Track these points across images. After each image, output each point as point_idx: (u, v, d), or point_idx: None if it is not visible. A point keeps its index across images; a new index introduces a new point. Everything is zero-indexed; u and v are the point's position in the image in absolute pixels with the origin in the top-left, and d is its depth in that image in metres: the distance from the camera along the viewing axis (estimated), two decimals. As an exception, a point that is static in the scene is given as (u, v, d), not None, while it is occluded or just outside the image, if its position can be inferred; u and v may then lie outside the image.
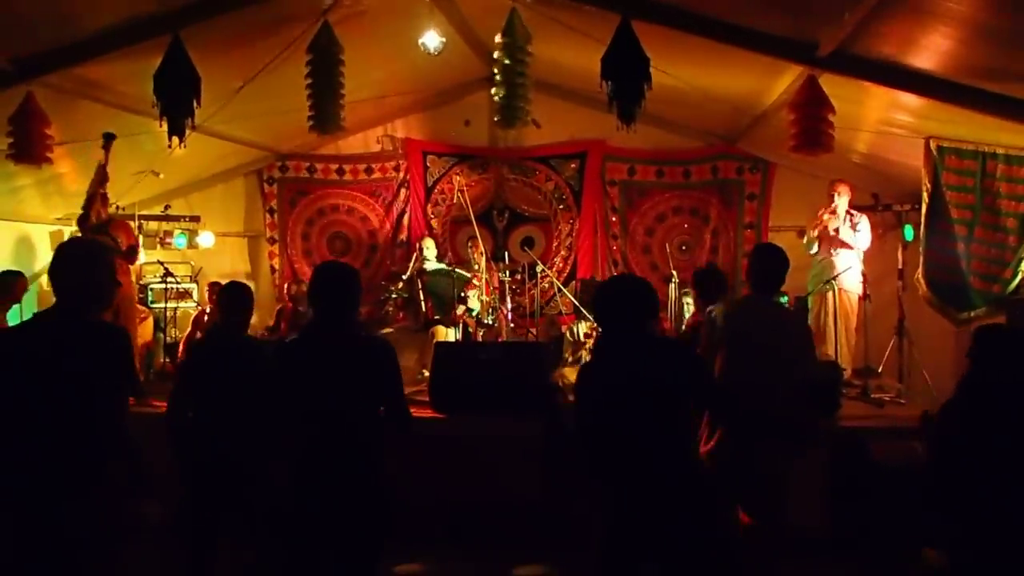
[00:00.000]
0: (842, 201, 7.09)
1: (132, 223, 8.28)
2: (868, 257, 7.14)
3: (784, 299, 7.29)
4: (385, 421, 3.26)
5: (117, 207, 8.41)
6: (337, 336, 3.21)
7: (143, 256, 8.26)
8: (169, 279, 8.25)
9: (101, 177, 6.34)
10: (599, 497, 3.19)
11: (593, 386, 3.20)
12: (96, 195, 6.33)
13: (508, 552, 4.97)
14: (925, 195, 6.25)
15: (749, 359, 3.79)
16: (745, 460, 3.70)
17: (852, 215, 7.09)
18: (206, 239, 8.98)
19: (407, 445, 4.62)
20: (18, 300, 6.61)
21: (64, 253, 2.81)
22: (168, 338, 8.44)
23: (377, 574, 3.24)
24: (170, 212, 8.92)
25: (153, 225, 8.81)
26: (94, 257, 2.83)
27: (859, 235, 7.04)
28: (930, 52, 4.91)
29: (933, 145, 6.14)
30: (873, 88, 5.43)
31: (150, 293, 8.58)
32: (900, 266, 7.17)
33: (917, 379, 6.74)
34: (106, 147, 6.35)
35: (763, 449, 3.74)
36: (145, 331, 8.27)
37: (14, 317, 6.53)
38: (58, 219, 8.65)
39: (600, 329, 3.40)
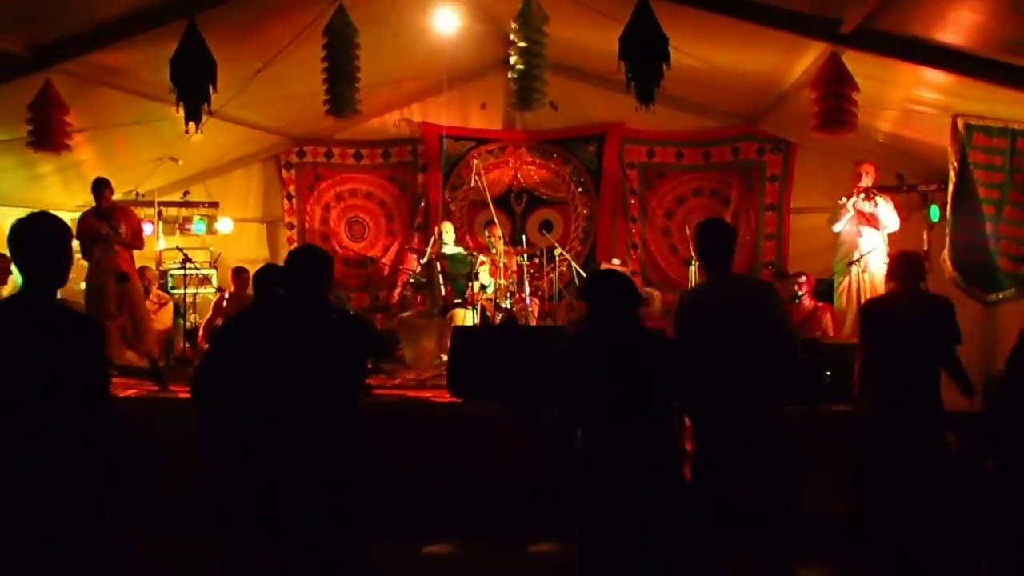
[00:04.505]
0: (868, 181, 6.98)
1: (151, 209, 8.35)
2: (893, 238, 7.02)
3: (803, 278, 7.23)
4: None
5: (137, 194, 8.49)
6: (307, 313, 3.26)
7: (163, 242, 8.32)
8: (188, 265, 8.30)
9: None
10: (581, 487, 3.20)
11: (577, 380, 3.22)
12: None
13: (524, 535, 4.98)
14: (952, 174, 6.11)
15: (707, 347, 3.63)
16: (739, 447, 3.59)
17: (874, 196, 6.95)
18: (225, 225, 9.01)
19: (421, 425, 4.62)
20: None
21: (23, 228, 2.57)
22: (188, 324, 8.49)
23: (365, 552, 3.21)
24: (189, 198, 8.97)
25: (172, 211, 8.84)
26: (53, 231, 2.60)
27: (884, 216, 6.94)
28: (957, 26, 4.80)
29: (960, 123, 5.99)
30: (898, 65, 5.31)
31: (170, 279, 8.64)
32: (926, 247, 7.04)
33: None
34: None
35: (746, 433, 3.61)
36: (165, 317, 8.33)
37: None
38: (79, 206, 8.69)
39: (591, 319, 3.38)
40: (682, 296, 4.02)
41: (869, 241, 6.91)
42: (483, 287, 7.65)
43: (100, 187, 7.03)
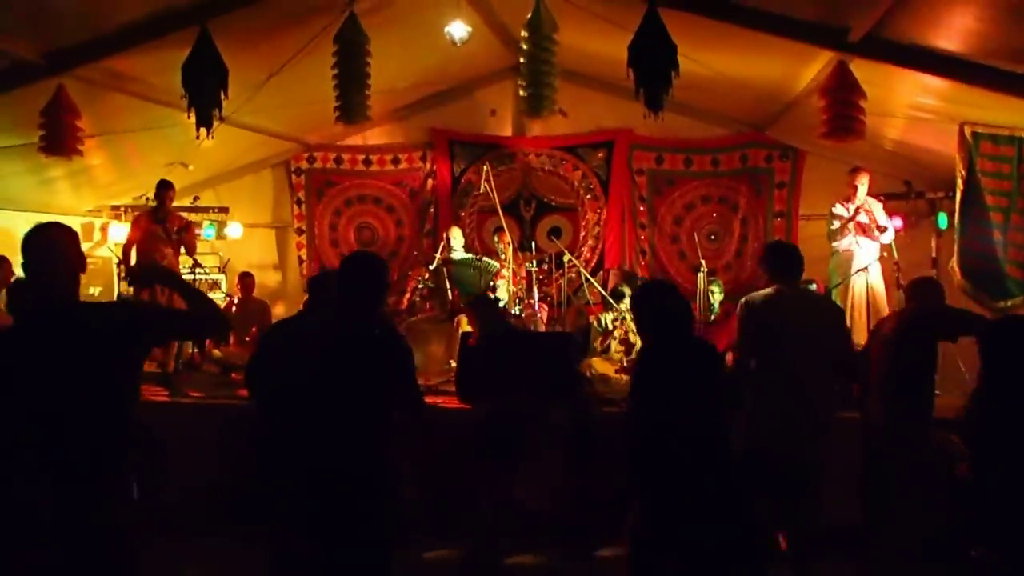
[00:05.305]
0: (863, 190, 6.84)
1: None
2: (901, 246, 7.00)
3: (813, 286, 7.20)
4: (398, 410, 3.18)
5: (147, 199, 8.52)
6: (341, 328, 3.15)
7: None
8: (198, 270, 8.32)
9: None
10: (634, 492, 3.25)
11: (646, 393, 3.30)
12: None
13: (532, 538, 4.98)
14: (959, 182, 6.11)
15: (780, 350, 3.76)
16: (776, 452, 3.67)
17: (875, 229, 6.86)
18: (234, 230, 9.04)
19: (426, 434, 4.63)
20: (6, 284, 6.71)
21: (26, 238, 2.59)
22: (198, 328, 8.50)
23: (388, 565, 3.14)
24: (199, 204, 9.00)
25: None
26: (64, 238, 2.63)
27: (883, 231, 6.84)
28: (964, 35, 4.81)
29: (967, 131, 6.00)
30: (906, 73, 5.33)
31: (180, 284, 8.67)
32: (934, 255, 7.04)
33: (952, 369, 6.62)
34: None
35: (794, 440, 3.71)
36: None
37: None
38: (89, 211, 8.78)
39: (645, 336, 3.49)
40: (749, 302, 4.08)
41: (867, 250, 6.85)
42: (496, 300, 7.64)
43: (163, 189, 6.98)
